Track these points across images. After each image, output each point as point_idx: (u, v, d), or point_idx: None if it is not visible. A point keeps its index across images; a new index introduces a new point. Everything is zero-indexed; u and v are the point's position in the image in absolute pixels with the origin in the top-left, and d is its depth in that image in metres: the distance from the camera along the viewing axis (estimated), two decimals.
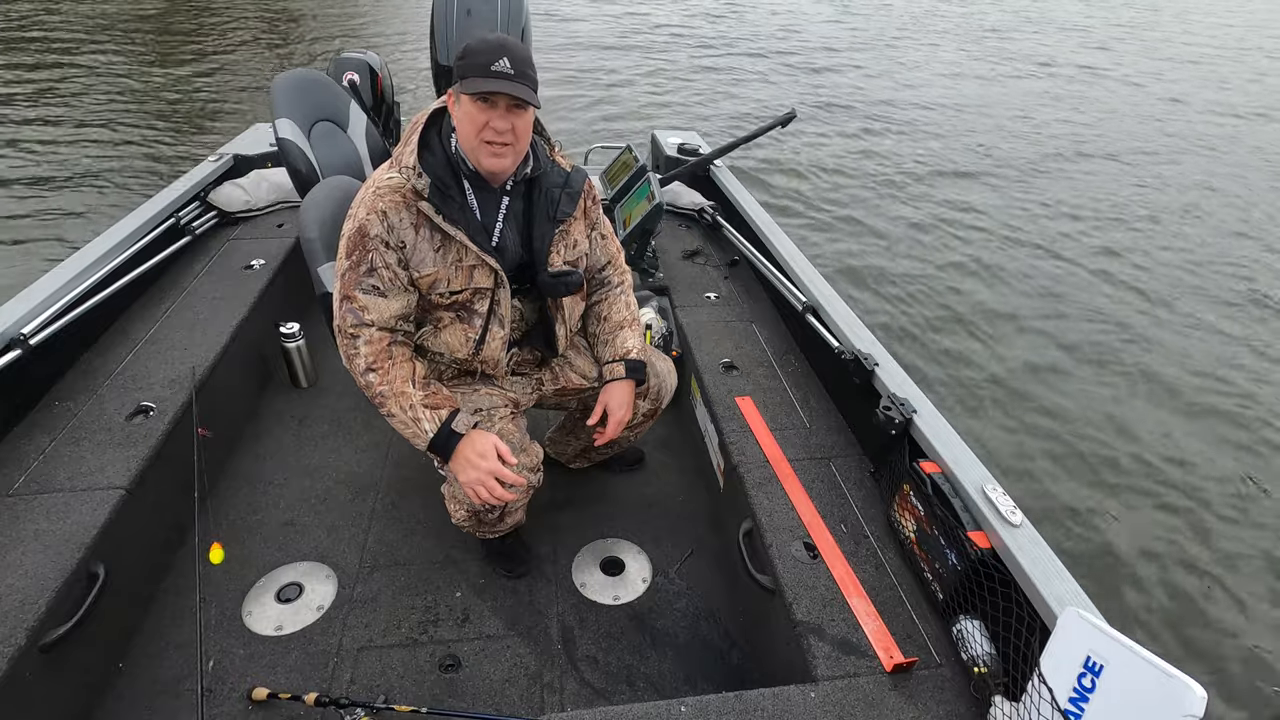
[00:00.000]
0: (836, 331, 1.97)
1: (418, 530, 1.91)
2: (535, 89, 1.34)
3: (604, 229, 1.67)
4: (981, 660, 1.26)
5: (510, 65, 1.29)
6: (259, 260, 2.55)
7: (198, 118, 6.74)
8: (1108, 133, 7.36)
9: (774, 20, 11.74)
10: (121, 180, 5.37)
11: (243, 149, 3.11)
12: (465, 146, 1.38)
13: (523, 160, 1.45)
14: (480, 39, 1.32)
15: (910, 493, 1.52)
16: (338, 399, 2.37)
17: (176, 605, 1.69)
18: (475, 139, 1.35)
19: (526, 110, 1.34)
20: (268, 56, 8.68)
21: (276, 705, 1.48)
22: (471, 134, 1.34)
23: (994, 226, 5.26)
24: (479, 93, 1.29)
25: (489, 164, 1.38)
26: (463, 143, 1.39)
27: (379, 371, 1.42)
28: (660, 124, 6.43)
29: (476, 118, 1.32)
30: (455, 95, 1.35)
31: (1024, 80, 9.20)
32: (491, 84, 1.28)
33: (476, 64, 1.29)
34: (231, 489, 2.01)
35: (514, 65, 1.29)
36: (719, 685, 1.59)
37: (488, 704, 1.51)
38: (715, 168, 3.10)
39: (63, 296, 1.95)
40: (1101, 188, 6.03)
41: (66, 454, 1.68)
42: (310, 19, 10.70)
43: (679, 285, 2.54)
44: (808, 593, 1.43)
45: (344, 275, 1.41)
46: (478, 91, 1.29)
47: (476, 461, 1.39)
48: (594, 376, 1.72)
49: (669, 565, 1.87)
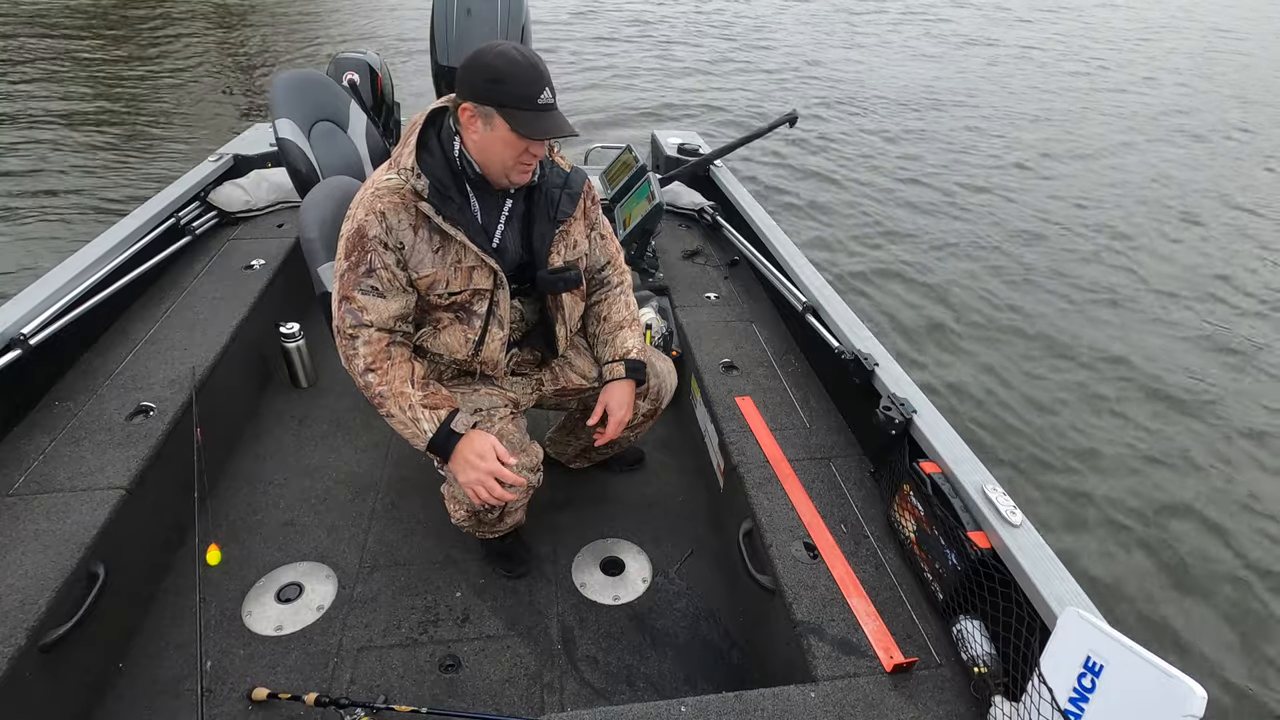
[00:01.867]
0: (836, 331, 1.96)
1: (418, 530, 1.91)
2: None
3: (603, 229, 1.67)
4: (981, 660, 1.26)
5: (551, 94, 1.28)
6: (259, 260, 2.55)
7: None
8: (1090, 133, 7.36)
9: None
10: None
11: (243, 149, 3.11)
12: (494, 167, 1.37)
13: None
14: (507, 58, 1.26)
15: (910, 493, 1.52)
16: (338, 399, 2.37)
17: (176, 605, 1.69)
18: (511, 162, 1.35)
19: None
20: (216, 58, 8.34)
21: (276, 705, 1.48)
22: (508, 157, 1.34)
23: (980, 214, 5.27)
24: (538, 136, 1.28)
25: (519, 180, 1.40)
26: (490, 162, 1.37)
27: (378, 372, 1.42)
28: (660, 124, 6.43)
29: (515, 145, 1.32)
30: (482, 116, 1.31)
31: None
32: (545, 123, 1.27)
33: (519, 95, 1.26)
34: (231, 489, 2.01)
35: (553, 91, 1.28)
36: (719, 685, 1.59)
37: (488, 704, 1.51)
38: (715, 168, 3.10)
39: (63, 296, 1.95)
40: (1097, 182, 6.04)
41: (66, 454, 1.68)
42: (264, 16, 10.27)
43: (679, 285, 2.54)
44: (808, 593, 1.43)
45: (343, 276, 1.41)
46: (537, 135, 1.28)
47: (475, 462, 1.39)
48: (594, 377, 1.72)
49: (669, 565, 1.87)
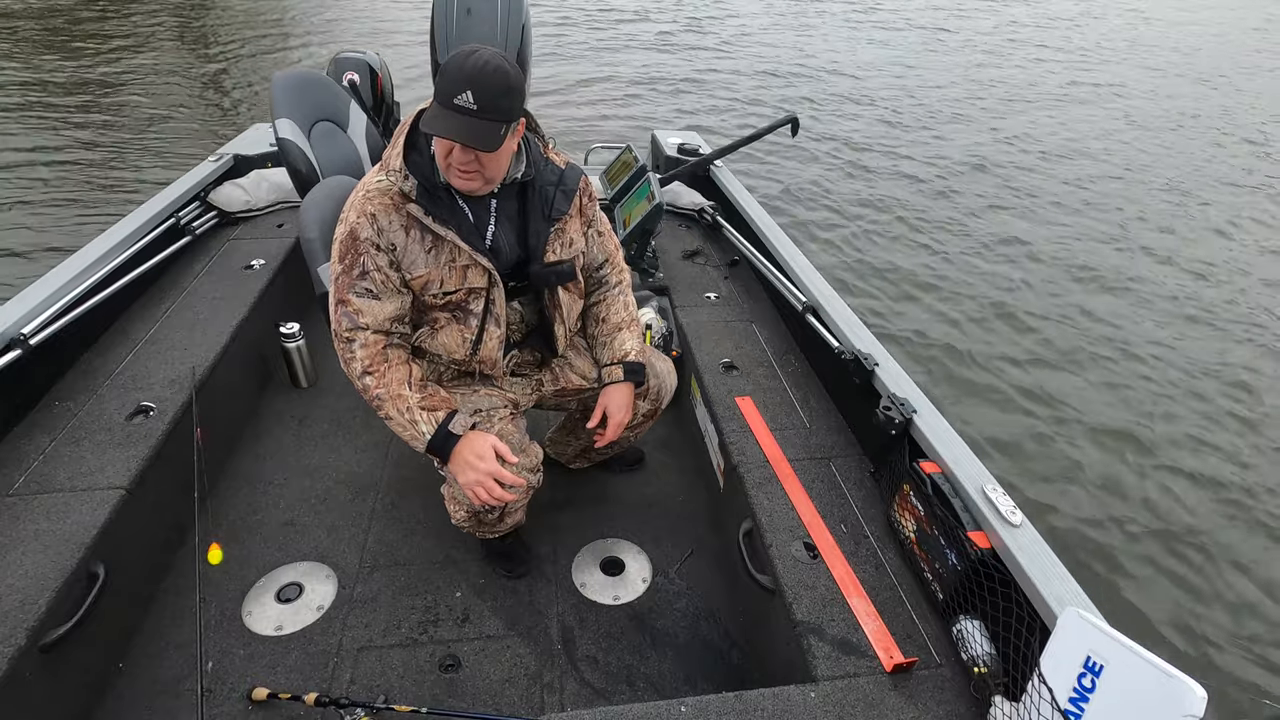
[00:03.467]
0: (836, 331, 1.96)
1: (418, 530, 1.91)
2: (507, 119, 1.25)
3: (601, 226, 1.65)
4: (981, 660, 1.26)
5: (474, 99, 1.20)
6: (259, 260, 2.55)
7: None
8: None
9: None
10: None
11: (243, 149, 3.10)
12: (439, 164, 1.36)
13: (514, 162, 1.43)
14: (460, 57, 1.23)
15: (910, 493, 1.52)
16: (338, 399, 2.37)
17: (176, 605, 1.69)
18: (443, 162, 1.33)
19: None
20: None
21: (276, 705, 1.48)
22: (440, 156, 1.33)
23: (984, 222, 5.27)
24: (431, 131, 1.25)
25: (458, 185, 1.36)
26: (437, 159, 1.36)
27: (375, 374, 1.42)
28: (660, 124, 6.43)
29: (442, 144, 1.30)
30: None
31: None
32: (443, 123, 1.22)
33: (442, 90, 1.23)
34: (231, 489, 2.01)
35: (480, 98, 1.20)
36: (719, 685, 1.59)
37: (488, 704, 1.51)
38: (715, 168, 3.10)
39: (63, 296, 1.95)
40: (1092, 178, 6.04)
41: (66, 454, 1.68)
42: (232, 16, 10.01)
43: (679, 285, 2.53)
44: (808, 593, 1.43)
45: (338, 279, 1.41)
46: (430, 130, 1.25)
47: (475, 463, 1.39)
48: (594, 377, 1.72)
49: (669, 565, 1.87)
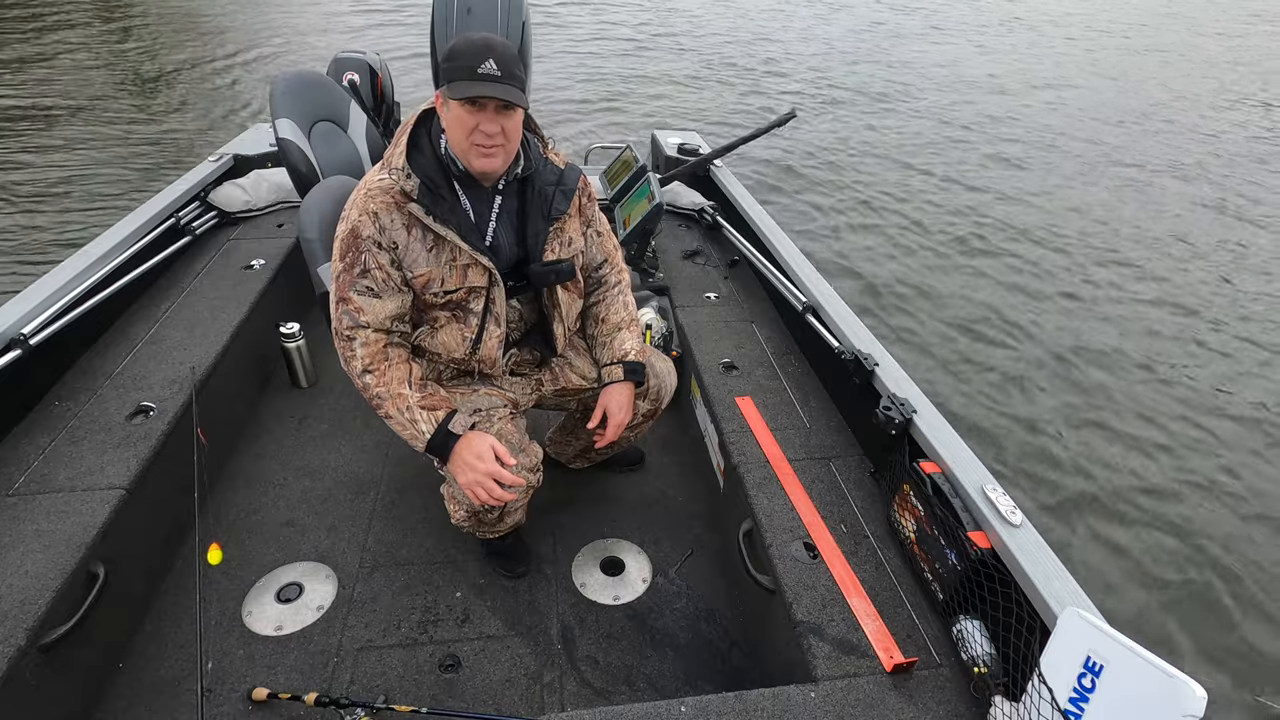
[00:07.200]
0: (836, 331, 1.96)
1: (418, 530, 1.91)
2: (523, 88, 1.33)
3: (600, 225, 1.66)
4: (981, 660, 1.26)
5: (496, 66, 1.28)
6: (259, 260, 2.55)
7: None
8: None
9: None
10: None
11: (243, 149, 3.10)
12: (456, 149, 1.38)
13: (514, 159, 1.44)
14: (465, 39, 1.31)
15: (910, 493, 1.52)
16: (338, 399, 2.37)
17: (176, 605, 1.69)
18: (465, 141, 1.34)
19: (515, 111, 1.34)
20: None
21: (276, 705, 1.48)
22: (461, 137, 1.34)
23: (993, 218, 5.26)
24: (466, 97, 1.29)
25: (480, 165, 1.38)
26: (453, 145, 1.38)
27: (375, 373, 1.42)
28: (660, 124, 6.43)
29: (466, 121, 1.32)
30: (444, 99, 1.34)
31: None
32: (478, 88, 1.28)
33: (463, 66, 1.28)
34: (231, 489, 2.01)
35: (500, 66, 1.28)
36: (719, 685, 1.59)
37: (488, 704, 1.51)
38: (715, 168, 3.10)
39: (63, 296, 1.95)
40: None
41: (66, 454, 1.68)
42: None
43: (679, 285, 2.53)
44: (808, 593, 1.43)
45: (338, 278, 1.41)
46: (465, 96, 1.29)
47: (474, 463, 1.39)
48: (594, 377, 1.72)
49: (669, 565, 1.87)
